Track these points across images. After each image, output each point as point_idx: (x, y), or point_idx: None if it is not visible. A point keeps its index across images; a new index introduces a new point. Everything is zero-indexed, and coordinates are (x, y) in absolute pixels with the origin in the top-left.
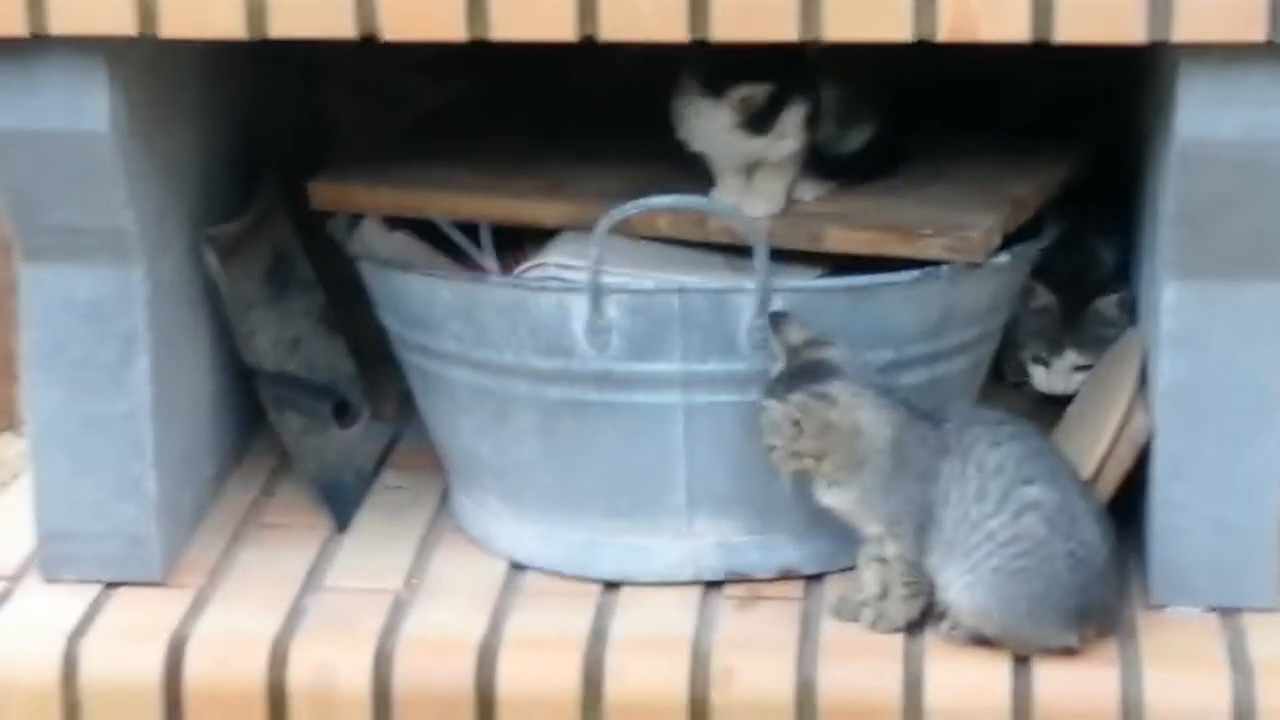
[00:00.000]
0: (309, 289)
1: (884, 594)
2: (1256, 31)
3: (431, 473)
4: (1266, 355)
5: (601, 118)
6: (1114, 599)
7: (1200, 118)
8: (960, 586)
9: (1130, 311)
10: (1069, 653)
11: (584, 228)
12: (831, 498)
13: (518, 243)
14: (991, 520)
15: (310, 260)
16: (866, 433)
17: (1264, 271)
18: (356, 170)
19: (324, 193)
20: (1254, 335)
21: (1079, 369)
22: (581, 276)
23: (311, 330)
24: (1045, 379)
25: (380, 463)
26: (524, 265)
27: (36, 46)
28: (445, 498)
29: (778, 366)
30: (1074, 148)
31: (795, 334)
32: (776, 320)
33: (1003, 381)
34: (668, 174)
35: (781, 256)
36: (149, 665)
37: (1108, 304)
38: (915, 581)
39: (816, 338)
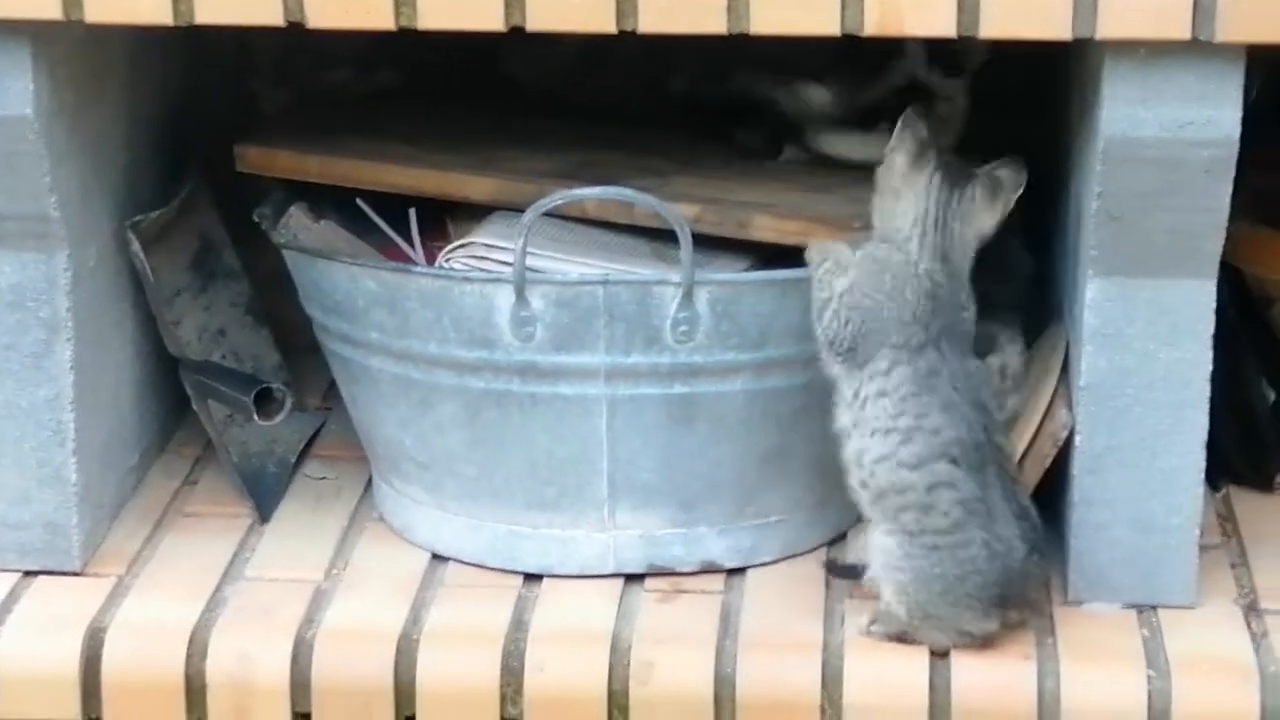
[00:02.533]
0: (235, 278)
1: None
2: (1180, 29)
3: (355, 463)
4: (1187, 352)
5: (533, 108)
6: (1035, 591)
7: (1124, 115)
8: (880, 561)
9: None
10: (987, 641)
11: (513, 205)
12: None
13: (443, 234)
14: (907, 474)
15: (237, 250)
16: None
17: (1185, 269)
18: (284, 135)
19: (250, 155)
20: (1175, 333)
21: None
22: (509, 258)
23: (237, 320)
24: None
25: (304, 453)
26: (452, 244)
27: None
28: (369, 489)
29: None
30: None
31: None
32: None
33: None
34: (596, 158)
35: (709, 245)
36: (66, 654)
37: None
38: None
39: None
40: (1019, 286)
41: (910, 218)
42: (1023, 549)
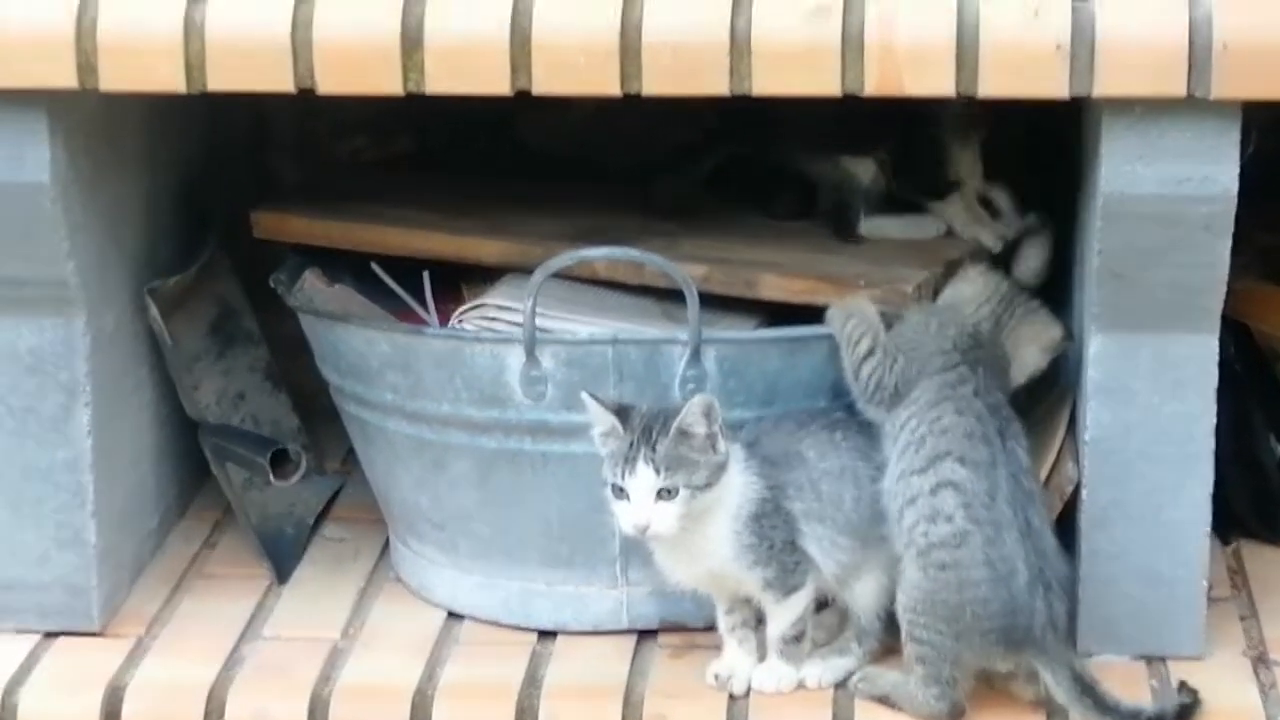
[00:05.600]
0: (254, 343)
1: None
2: (1176, 86)
3: (373, 525)
4: (1190, 406)
5: (543, 173)
6: (1045, 633)
7: (1122, 171)
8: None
9: None
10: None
11: (524, 268)
12: None
13: (458, 298)
14: (918, 480)
15: (257, 316)
16: None
17: (1186, 323)
18: (299, 202)
19: (265, 221)
20: (1178, 386)
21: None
22: (520, 319)
23: (256, 384)
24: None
25: (322, 515)
26: (464, 306)
27: None
28: (386, 549)
29: None
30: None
31: None
32: None
33: None
34: (606, 222)
35: (718, 305)
36: (86, 714)
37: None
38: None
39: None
40: None
41: (972, 294)
42: (1025, 574)
